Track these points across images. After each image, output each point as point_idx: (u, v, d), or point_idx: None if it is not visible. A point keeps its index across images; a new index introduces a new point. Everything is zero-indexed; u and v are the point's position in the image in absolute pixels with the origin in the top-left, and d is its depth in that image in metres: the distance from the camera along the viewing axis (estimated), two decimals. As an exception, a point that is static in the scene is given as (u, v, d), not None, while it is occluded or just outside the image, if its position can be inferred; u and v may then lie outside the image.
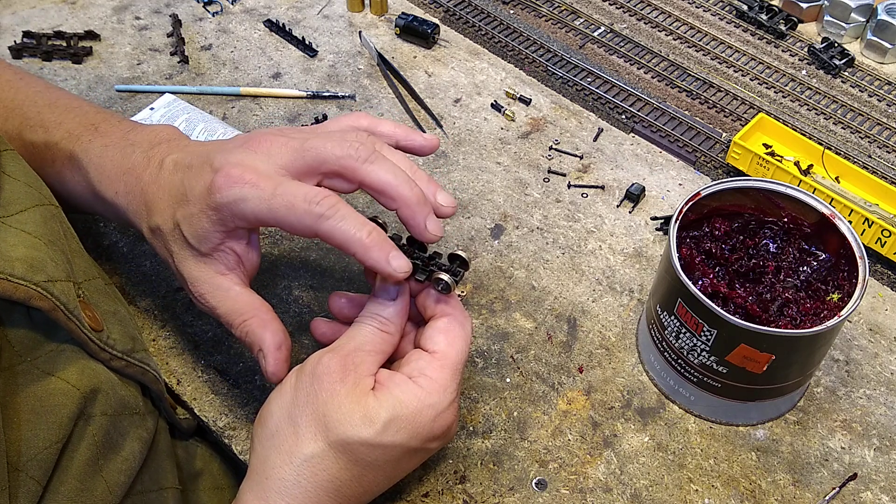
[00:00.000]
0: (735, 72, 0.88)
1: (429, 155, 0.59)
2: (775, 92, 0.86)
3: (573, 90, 0.84)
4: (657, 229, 0.73)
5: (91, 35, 0.87)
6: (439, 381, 0.49)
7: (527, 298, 0.67)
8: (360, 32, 0.89)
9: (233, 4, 0.93)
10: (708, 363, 0.56)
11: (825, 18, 0.90)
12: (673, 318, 0.56)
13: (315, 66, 0.86)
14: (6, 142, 0.50)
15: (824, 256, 0.59)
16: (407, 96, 0.84)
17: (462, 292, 0.67)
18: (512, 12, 0.94)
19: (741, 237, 0.61)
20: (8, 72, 0.64)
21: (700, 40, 0.91)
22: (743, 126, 0.79)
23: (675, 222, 0.57)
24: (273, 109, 0.82)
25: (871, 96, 0.85)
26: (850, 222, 0.59)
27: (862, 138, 0.81)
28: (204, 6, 0.92)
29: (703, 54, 0.89)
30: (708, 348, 0.55)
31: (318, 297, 0.67)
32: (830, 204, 0.59)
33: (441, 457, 0.58)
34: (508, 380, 0.62)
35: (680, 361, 0.58)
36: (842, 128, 0.82)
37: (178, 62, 0.86)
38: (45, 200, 0.50)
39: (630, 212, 0.74)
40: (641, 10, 0.94)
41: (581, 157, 0.78)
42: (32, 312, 0.45)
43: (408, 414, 0.48)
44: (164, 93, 0.81)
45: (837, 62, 0.86)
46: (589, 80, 0.85)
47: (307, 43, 0.88)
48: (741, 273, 0.59)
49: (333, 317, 0.56)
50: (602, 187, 0.76)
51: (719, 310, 0.52)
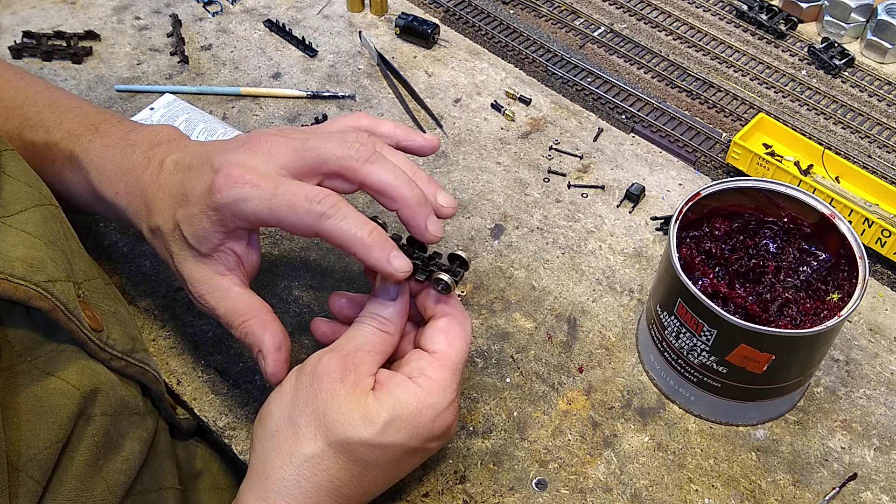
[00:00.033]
0: (735, 72, 0.88)
1: (429, 155, 0.59)
2: (775, 92, 0.86)
3: (573, 90, 0.84)
4: (657, 229, 0.73)
5: (91, 35, 0.87)
6: (439, 381, 0.49)
7: (527, 298, 0.67)
8: (360, 32, 0.89)
9: (233, 4, 0.93)
10: (708, 363, 0.56)
11: (825, 18, 0.90)
12: (673, 318, 0.56)
13: (315, 66, 0.86)
14: (6, 142, 0.50)
15: (824, 256, 0.59)
16: (407, 96, 0.84)
17: (462, 292, 0.67)
18: (512, 12, 0.94)
19: (741, 237, 0.61)
20: (8, 72, 0.64)
21: (700, 40, 0.91)
22: (743, 126, 0.79)
23: (675, 222, 0.57)
24: (273, 109, 0.82)
25: (871, 96, 0.85)
26: (850, 222, 0.59)
27: (862, 138, 0.81)
28: (204, 6, 0.92)
29: (703, 54, 0.89)
30: (708, 348, 0.55)
31: (318, 297, 0.67)
32: (830, 204, 0.59)
33: (441, 457, 0.58)
34: (508, 380, 0.62)
35: (680, 361, 0.58)
36: (842, 128, 0.82)
37: (178, 62, 0.86)
38: (45, 200, 0.50)
39: (630, 212, 0.74)
40: (641, 10, 0.94)
41: (581, 157, 0.78)
42: (32, 312, 0.45)
43: (408, 414, 0.48)
44: (164, 93, 0.81)
45: (837, 62, 0.86)
46: (589, 80, 0.85)
47: (307, 43, 0.88)
48: (741, 273, 0.59)
49: (333, 317, 0.56)
50: (602, 187, 0.76)
51: (719, 310, 0.52)
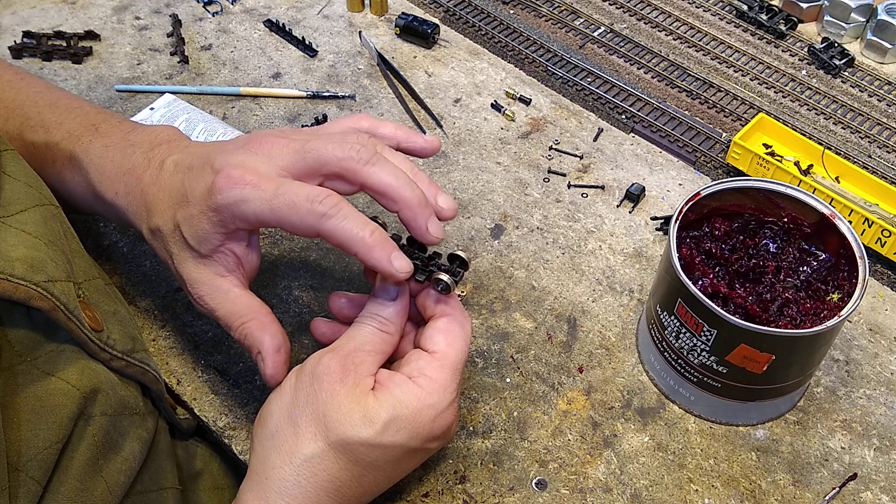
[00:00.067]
0: (735, 72, 0.88)
1: (430, 157, 0.59)
2: (775, 92, 0.86)
3: (573, 90, 0.84)
4: (657, 229, 0.73)
5: (91, 35, 0.87)
6: (439, 381, 0.49)
7: (527, 298, 0.67)
8: (360, 32, 0.89)
9: (233, 4, 0.93)
10: (708, 363, 0.56)
11: (825, 18, 0.90)
12: (673, 318, 0.56)
13: (315, 66, 0.86)
14: (6, 142, 0.50)
15: (824, 256, 0.59)
16: (407, 96, 0.84)
17: (462, 292, 0.67)
18: (512, 12, 0.94)
19: (741, 237, 0.61)
20: (9, 72, 0.64)
21: (700, 40, 0.91)
22: (743, 126, 0.79)
23: (675, 222, 0.57)
24: (273, 109, 0.82)
25: (871, 96, 0.85)
26: (850, 222, 0.59)
27: (862, 138, 0.81)
28: (204, 6, 0.92)
29: (703, 54, 0.89)
30: (708, 348, 0.55)
31: (318, 297, 0.67)
32: (830, 204, 0.59)
33: (441, 457, 0.58)
34: (508, 380, 0.62)
35: (680, 361, 0.58)
36: (842, 128, 0.82)
37: (178, 62, 0.86)
38: (45, 200, 0.50)
39: (630, 212, 0.74)
40: (641, 10, 0.94)
41: (581, 157, 0.78)
42: (32, 312, 0.45)
43: (408, 414, 0.48)
44: (164, 93, 0.81)
45: (837, 62, 0.86)
46: (589, 80, 0.85)
47: (307, 43, 0.88)
48: (741, 273, 0.59)
49: (333, 317, 0.56)
50: (602, 187, 0.76)
51: (719, 310, 0.52)
